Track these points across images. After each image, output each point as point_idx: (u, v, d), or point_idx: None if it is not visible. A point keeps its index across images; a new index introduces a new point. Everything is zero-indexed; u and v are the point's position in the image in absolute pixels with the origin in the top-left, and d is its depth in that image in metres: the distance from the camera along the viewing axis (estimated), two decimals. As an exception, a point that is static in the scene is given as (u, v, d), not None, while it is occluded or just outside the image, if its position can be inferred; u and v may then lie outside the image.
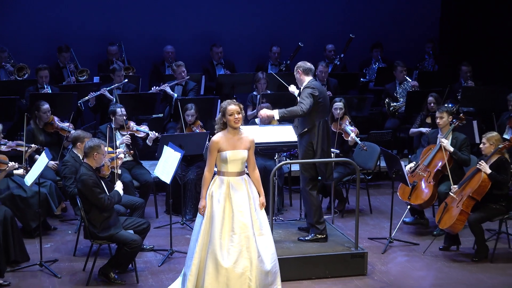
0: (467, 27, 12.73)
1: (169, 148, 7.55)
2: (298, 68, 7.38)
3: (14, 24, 11.52)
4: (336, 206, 8.88)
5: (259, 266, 6.21)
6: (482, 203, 7.49)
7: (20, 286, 6.83)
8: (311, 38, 12.05)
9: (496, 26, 12.37)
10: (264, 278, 6.24)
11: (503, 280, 7.10)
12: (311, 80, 7.32)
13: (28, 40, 11.53)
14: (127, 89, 10.48)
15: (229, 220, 6.20)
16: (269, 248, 6.31)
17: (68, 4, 11.73)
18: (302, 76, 7.34)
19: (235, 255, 6.16)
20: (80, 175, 6.83)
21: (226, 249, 6.18)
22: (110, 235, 6.81)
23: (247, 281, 6.17)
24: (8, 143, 8.30)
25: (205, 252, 6.22)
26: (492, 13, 12.41)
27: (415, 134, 9.85)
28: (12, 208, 7.62)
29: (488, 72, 11.86)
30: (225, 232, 6.20)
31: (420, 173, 8.27)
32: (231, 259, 6.16)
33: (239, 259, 6.17)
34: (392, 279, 7.09)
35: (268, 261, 6.27)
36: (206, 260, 6.18)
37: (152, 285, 6.87)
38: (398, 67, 11.05)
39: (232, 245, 6.18)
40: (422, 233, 8.33)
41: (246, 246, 6.19)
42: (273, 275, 6.30)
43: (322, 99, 7.25)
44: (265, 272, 6.24)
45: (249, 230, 6.20)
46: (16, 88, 10.25)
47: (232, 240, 6.18)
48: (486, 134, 7.76)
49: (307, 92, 7.17)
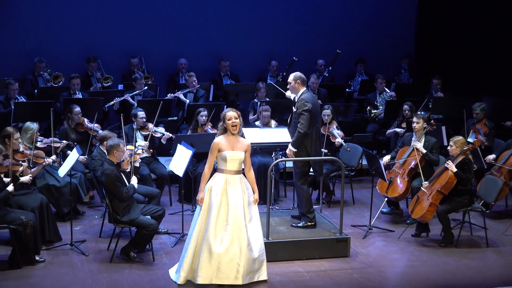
0: (438, 45, 12.74)
1: (182, 146, 7.55)
2: (296, 78, 7.31)
3: (51, 39, 11.52)
4: (324, 198, 8.88)
5: (248, 253, 6.22)
6: (448, 197, 7.51)
7: (53, 262, 6.85)
8: (304, 53, 12.03)
9: (463, 45, 12.40)
10: (252, 264, 6.26)
11: (466, 263, 7.11)
12: (305, 91, 7.30)
13: (62, 52, 11.52)
14: (146, 95, 10.48)
15: (224, 212, 6.20)
16: (258, 238, 6.32)
17: (96, 22, 11.72)
18: (299, 85, 7.31)
19: (227, 243, 6.17)
20: (104, 170, 6.85)
21: (219, 237, 6.18)
22: (130, 220, 6.83)
23: (236, 266, 6.18)
24: (44, 140, 8.33)
25: (201, 239, 6.22)
26: (460, 33, 12.43)
27: (391, 134, 9.91)
28: (48, 196, 7.66)
29: (456, 85, 11.85)
30: (220, 222, 6.20)
31: (396, 170, 8.29)
32: (224, 246, 6.16)
33: (231, 246, 6.17)
34: (371, 261, 7.11)
35: (256, 250, 6.28)
36: (202, 245, 6.19)
37: (166, 263, 6.88)
38: (379, 79, 11.06)
39: (225, 234, 6.18)
40: (397, 221, 8.34)
41: (238, 236, 6.19)
42: (259, 262, 6.32)
43: (314, 110, 7.25)
44: (252, 259, 6.25)
45: (241, 222, 6.21)
46: (52, 94, 10.25)
47: (225, 230, 6.18)
48: (453, 138, 7.77)
49: (302, 109, 7.12)
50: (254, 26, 12.39)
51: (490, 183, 7.92)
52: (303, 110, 7.14)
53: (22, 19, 11.44)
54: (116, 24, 11.83)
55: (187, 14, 12.09)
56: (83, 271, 6.66)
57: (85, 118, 9.01)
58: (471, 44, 12.24)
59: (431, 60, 12.75)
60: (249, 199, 6.33)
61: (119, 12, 11.84)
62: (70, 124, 8.92)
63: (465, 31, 12.34)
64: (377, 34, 12.84)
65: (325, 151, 8.50)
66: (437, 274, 6.82)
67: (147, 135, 8.74)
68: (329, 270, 6.80)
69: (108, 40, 11.76)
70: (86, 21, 11.68)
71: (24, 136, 7.91)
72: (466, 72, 12.19)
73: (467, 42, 12.32)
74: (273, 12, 12.48)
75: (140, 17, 11.94)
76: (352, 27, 12.74)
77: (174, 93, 10.53)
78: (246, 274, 6.23)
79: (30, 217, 6.80)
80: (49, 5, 11.54)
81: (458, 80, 12.07)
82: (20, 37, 11.44)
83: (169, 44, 12.04)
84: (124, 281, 6.44)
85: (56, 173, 7.82)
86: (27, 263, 6.68)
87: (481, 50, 12.01)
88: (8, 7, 11.35)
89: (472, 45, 12.22)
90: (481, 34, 12.03)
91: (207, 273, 6.19)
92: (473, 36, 12.19)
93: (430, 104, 10.44)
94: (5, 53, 11.33)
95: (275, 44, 12.38)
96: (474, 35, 12.16)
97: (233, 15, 12.31)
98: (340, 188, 7.35)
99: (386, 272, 6.85)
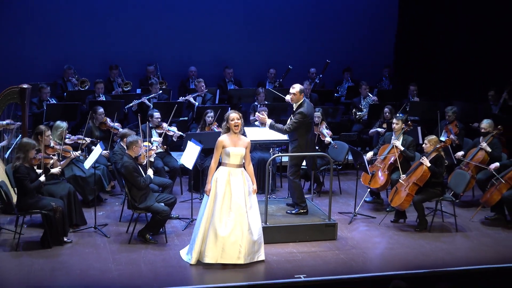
0: (414, 56, 12.71)
1: (192, 142, 7.56)
2: (295, 89, 7.21)
3: (78, 49, 11.48)
4: (315, 188, 8.87)
5: (248, 236, 6.23)
6: (423, 188, 7.51)
7: (79, 243, 6.86)
8: (298, 62, 12.00)
9: (437, 55, 12.38)
10: (252, 246, 6.26)
11: (438, 245, 7.12)
12: (304, 101, 7.23)
13: (88, 60, 11.49)
14: (161, 98, 10.47)
15: (228, 200, 6.21)
16: (257, 223, 6.32)
17: (118, 35, 11.69)
18: (298, 95, 7.26)
19: (230, 227, 6.17)
20: (123, 162, 6.85)
21: (224, 222, 6.19)
22: (146, 207, 6.83)
23: (238, 247, 6.19)
24: (71, 137, 8.32)
25: (208, 224, 6.22)
26: (434, 45, 12.40)
27: (373, 133, 9.93)
28: (74, 185, 7.65)
29: (430, 91, 11.83)
30: (224, 209, 6.20)
31: (377, 165, 8.28)
32: (227, 230, 6.17)
33: (233, 230, 6.18)
34: (355, 243, 7.11)
35: (255, 234, 6.28)
36: (208, 229, 6.20)
37: (177, 244, 6.89)
38: (363, 85, 11.04)
39: (229, 219, 6.19)
40: (378, 209, 8.34)
41: (240, 221, 6.20)
42: (258, 245, 6.33)
43: (310, 119, 7.23)
44: (252, 242, 6.26)
45: (242, 209, 6.21)
46: (79, 96, 10.25)
47: (229, 216, 6.19)
48: (427, 137, 7.77)
49: (299, 117, 7.10)
50: (254, 38, 12.36)
51: (459, 176, 7.92)
52: (298, 118, 7.11)
53: (53, 32, 11.42)
54: (135, 36, 11.80)
55: (197, 28, 12.06)
56: (105, 251, 6.67)
57: (108, 117, 9.01)
58: (443, 55, 12.23)
59: (408, 69, 12.73)
60: (249, 189, 6.33)
61: (137, 26, 11.81)
62: (95, 123, 8.92)
63: (438, 44, 12.32)
64: (362, 46, 12.81)
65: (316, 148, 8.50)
66: (413, 255, 6.82)
67: (161, 133, 8.74)
68: (318, 251, 6.81)
69: (127, 50, 11.72)
70: (109, 34, 11.65)
71: (55, 133, 7.90)
72: (439, 80, 12.17)
73: (440, 53, 12.30)
74: (272, 27, 12.45)
75: (156, 30, 11.91)
76: (340, 40, 12.71)
77: (185, 96, 10.53)
78: (248, 255, 6.24)
79: (59, 203, 6.80)
80: (77, 20, 11.51)
81: (432, 86, 12.06)
82: (52, 47, 11.42)
83: (181, 53, 12.01)
84: (141, 260, 6.44)
85: (82, 165, 7.83)
86: (56, 244, 6.69)
87: (453, 60, 12.00)
88: (41, 21, 11.33)
89: (444, 56, 12.20)
90: (453, 46, 12.01)
91: (213, 254, 6.20)
92: (445, 48, 12.18)
93: (407, 107, 10.43)
94: (39, 61, 11.31)
95: (273, 54, 12.35)
96: (446, 47, 12.15)
97: (236, 29, 12.29)
98: (329, 180, 7.34)
99: (368, 253, 6.86)
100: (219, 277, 6.06)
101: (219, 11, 12.17)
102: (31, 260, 6.35)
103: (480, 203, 8.05)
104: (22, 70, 10.94)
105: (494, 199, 7.77)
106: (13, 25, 11.23)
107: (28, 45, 11.30)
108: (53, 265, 6.24)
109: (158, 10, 11.92)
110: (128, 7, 11.77)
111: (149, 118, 8.77)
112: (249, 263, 6.28)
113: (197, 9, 12.05)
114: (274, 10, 12.45)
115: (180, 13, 12.01)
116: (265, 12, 12.41)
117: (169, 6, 11.95)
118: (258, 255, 6.35)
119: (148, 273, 6.12)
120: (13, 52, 11.19)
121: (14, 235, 6.78)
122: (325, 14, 12.68)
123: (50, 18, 11.39)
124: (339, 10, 12.73)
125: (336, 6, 12.69)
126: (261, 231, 6.38)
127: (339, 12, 12.74)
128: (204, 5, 12.06)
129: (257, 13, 12.38)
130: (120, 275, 6.08)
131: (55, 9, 11.40)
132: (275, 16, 12.48)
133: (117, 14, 11.71)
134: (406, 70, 12.74)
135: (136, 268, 6.23)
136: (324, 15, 12.68)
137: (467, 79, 11.61)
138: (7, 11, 11.18)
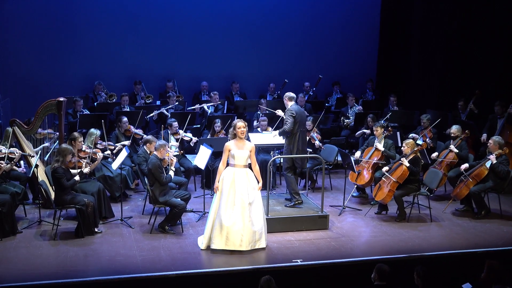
0: (394, 71, 12.71)
1: (204, 146, 7.54)
2: (285, 96, 7.35)
3: (107, 66, 11.49)
4: (309, 185, 8.85)
5: (250, 227, 6.21)
6: (403, 184, 7.48)
7: (108, 233, 6.85)
8: (294, 77, 11.98)
9: (413, 70, 12.35)
10: (253, 235, 6.24)
11: (415, 233, 7.08)
12: (293, 105, 7.29)
13: (115, 76, 11.49)
14: (177, 109, 10.46)
15: (232, 196, 6.20)
16: (258, 216, 6.29)
17: (141, 55, 11.68)
18: (288, 102, 7.32)
19: (233, 219, 6.18)
20: (151, 160, 6.87)
21: (228, 214, 6.18)
22: (165, 201, 6.82)
23: (240, 236, 6.18)
24: (102, 143, 8.32)
25: (215, 215, 6.24)
26: (410, 62, 12.39)
27: (360, 135, 9.89)
28: (104, 183, 7.65)
29: (407, 101, 11.82)
30: (229, 203, 6.20)
31: (363, 165, 8.26)
32: (231, 221, 6.17)
33: (237, 221, 6.18)
34: (344, 232, 7.09)
35: (256, 225, 6.26)
36: (215, 220, 6.21)
37: (192, 234, 6.87)
38: (350, 97, 11.02)
39: (232, 212, 6.18)
40: (364, 203, 8.31)
41: (242, 214, 6.19)
42: (259, 234, 6.30)
43: (298, 118, 7.22)
44: (253, 231, 6.24)
45: (245, 203, 6.20)
46: (108, 108, 10.25)
47: (233, 209, 6.19)
48: (405, 140, 7.76)
49: (288, 114, 7.17)
50: (257, 57, 12.34)
51: (433, 174, 7.90)
52: (288, 115, 7.18)
53: (86, 52, 11.42)
54: (156, 56, 11.79)
55: (208, 48, 12.07)
56: (130, 239, 6.66)
57: (132, 125, 9.00)
58: (419, 70, 12.20)
59: (388, 82, 12.72)
60: (253, 186, 6.30)
61: (157, 47, 11.80)
62: (120, 130, 8.91)
63: (413, 60, 12.30)
64: (348, 63, 12.78)
65: (310, 150, 8.48)
66: (394, 242, 6.79)
67: (178, 139, 8.73)
68: (313, 239, 6.78)
69: (149, 68, 11.73)
70: (134, 54, 11.64)
71: (89, 139, 7.93)
72: (415, 91, 12.14)
73: (416, 69, 12.27)
74: (271, 47, 12.43)
75: (174, 51, 11.90)
76: (330, 58, 12.69)
77: (201, 105, 10.53)
78: (249, 243, 6.23)
79: (91, 199, 6.80)
80: (106, 42, 11.53)
81: (409, 97, 12.04)
82: (84, 65, 11.42)
83: (194, 70, 11.99)
84: (161, 247, 6.42)
85: (110, 166, 7.82)
86: (88, 234, 6.69)
87: (427, 74, 11.96)
88: (76, 43, 11.36)
89: (420, 71, 12.17)
90: (427, 62, 11.98)
91: (219, 241, 6.21)
92: (421, 63, 12.14)
93: (388, 116, 10.42)
94: (73, 77, 11.31)
95: (272, 70, 12.33)
96: (422, 62, 12.11)
97: (242, 50, 12.25)
98: (321, 178, 7.33)
99: (355, 241, 6.83)
100: (226, 262, 6.04)
101: (227, 35, 12.15)
102: (67, 247, 6.35)
103: (451, 197, 8.02)
104: (59, 86, 10.94)
105: (463, 193, 7.74)
106: (53, 48, 11.24)
107: (64, 64, 11.30)
108: (85, 252, 6.24)
109: (175, 34, 11.88)
110: (151, 32, 11.76)
111: (168, 126, 8.77)
112: (252, 249, 6.26)
113: (208, 34, 12.03)
114: (274, 33, 12.42)
115: (194, 36, 12.00)
116: (266, 35, 12.38)
117: (185, 31, 11.93)
118: (259, 243, 6.33)
119: (167, 258, 6.11)
120: (52, 70, 11.21)
121: (53, 226, 6.78)
122: (317, 35, 12.66)
123: (82, 40, 11.41)
124: (329, 31, 12.71)
125: (327, 28, 12.69)
126: (262, 224, 6.34)
127: (329, 33, 12.72)
128: (214, 31, 12.05)
129: (259, 36, 12.35)
130: (143, 260, 6.06)
131: (88, 32, 11.39)
132: (274, 38, 12.46)
133: (142, 37, 11.70)
134: (387, 83, 12.73)
135: (156, 254, 6.21)
136: (317, 36, 12.66)
137: (439, 90, 11.60)
138: (49, 36, 11.20)
